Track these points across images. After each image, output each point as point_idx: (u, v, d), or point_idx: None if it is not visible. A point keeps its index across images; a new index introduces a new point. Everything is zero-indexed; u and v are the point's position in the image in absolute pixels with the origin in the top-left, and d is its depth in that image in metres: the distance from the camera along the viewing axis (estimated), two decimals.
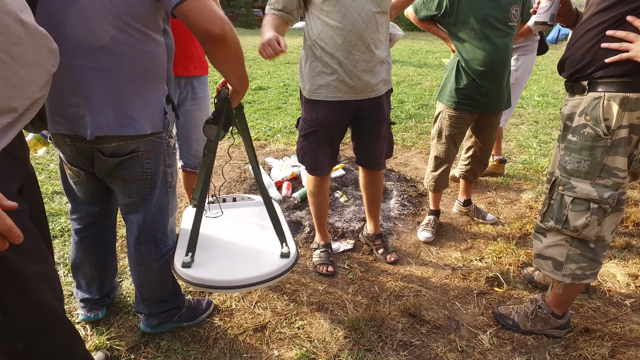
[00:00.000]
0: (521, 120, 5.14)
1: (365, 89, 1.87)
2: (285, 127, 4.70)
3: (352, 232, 2.53)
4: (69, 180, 1.52)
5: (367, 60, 1.81)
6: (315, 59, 1.85)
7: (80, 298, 1.77)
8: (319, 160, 2.03)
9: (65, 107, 1.23)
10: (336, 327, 1.81)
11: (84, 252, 1.67)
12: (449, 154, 2.44)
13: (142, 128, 1.27)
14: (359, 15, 1.73)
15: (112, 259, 1.78)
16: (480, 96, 2.23)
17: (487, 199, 3.07)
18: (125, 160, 1.31)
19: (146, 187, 1.40)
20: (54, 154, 3.76)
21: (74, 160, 1.39)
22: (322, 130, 1.95)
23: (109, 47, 1.16)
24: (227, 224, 1.70)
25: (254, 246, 1.53)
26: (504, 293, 2.05)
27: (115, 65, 1.19)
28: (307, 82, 1.90)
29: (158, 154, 1.37)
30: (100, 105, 1.21)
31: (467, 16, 2.12)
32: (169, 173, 1.45)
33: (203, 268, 1.40)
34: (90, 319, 1.78)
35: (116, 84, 1.21)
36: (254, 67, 9.14)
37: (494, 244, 2.46)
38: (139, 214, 1.45)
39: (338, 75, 1.83)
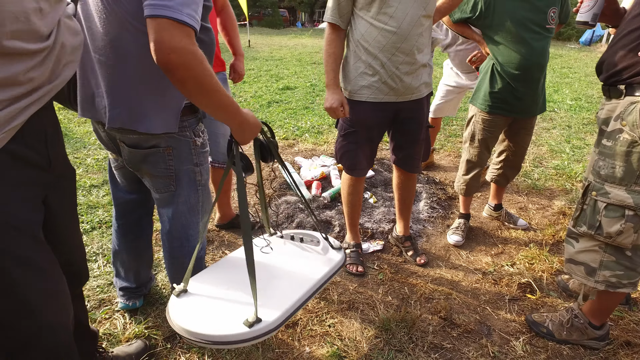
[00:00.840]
0: (553, 124, 5.04)
1: (407, 91, 1.88)
2: (313, 127, 4.73)
3: (382, 233, 2.54)
4: (112, 165, 1.60)
5: (409, 63, 1.82)
6: (358, 60, 1.86)
7: (119, 286, 1.84)
8: (358, 161, 2.05)
9: (91, 96, 1.31)
10: (367, 326, 1.83)
11: (122, 239, 1.74)
12: (481, 158, 2.42)
13: (153, 127, 1.27)
14: (404, 18, 1.74)
15: (148, 249, 1.83)
16: (515, 100, 2.20)
17: (518, 204, 3.03)
18: (149, 155, 1.34)
19: (171, 184, 1.41)
20: (90, 148, 3.90)
21: (107, 147, 1.46)
22: (362, 130, 1.97)
23: (124, 47, 1.19)
24: (265, 262, 1.62)
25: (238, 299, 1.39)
26: (537, 300, 2.03)
27: (130, 65, 1.21)
28: (350, 83, 1.92)
29: (181, 152, 1.37)
30: (116, 99, 1.25)
31: (503, 19, 2.11)
32: (197, 172, 1.44)
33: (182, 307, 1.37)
34: (128, 307, 1.85)
35: (130, 82, 1.23)
36: (281, 67, 9.22)
37: (525, 250, 2.43)
38: (169, 209, 1.49)
39: (380, 77, 1.84)
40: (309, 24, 39.61)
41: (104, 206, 2.78)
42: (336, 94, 1.90)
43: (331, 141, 4.25)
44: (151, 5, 1.00)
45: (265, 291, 1.39)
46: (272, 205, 2.83)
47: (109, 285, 2.03)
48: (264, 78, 7.81)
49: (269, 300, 1.35)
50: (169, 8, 0.99)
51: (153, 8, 1.00)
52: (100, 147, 3.94)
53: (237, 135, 1.29)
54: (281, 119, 5.05)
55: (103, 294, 1.98)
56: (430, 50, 1.98)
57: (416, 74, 1.87)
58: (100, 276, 2.10)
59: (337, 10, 1.84)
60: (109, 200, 2.88)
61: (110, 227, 2.55)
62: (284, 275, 1.49)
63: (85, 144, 4.02)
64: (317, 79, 7.83)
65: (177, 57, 1.01)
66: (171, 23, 1.00)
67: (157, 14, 0.99)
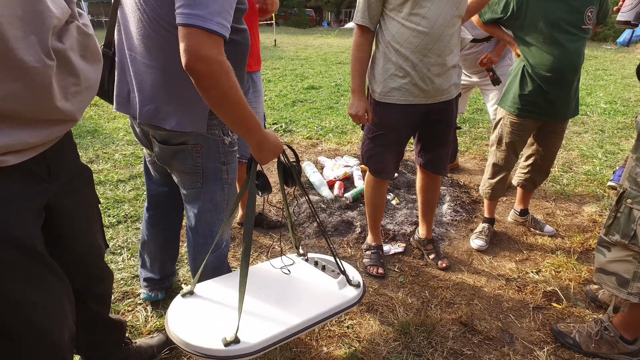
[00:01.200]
0: (585, 128, 4.87)
1: (437, 93, 1.85)
2: (337, 126, 4.73)
3: (403, 236, 2.51)
4: (146, 159, 1.65)
5: (441, 64, 1.79)
6: (388, 61, 1.84)
7: (143, 277, 1.89)
8: (386, 164, 2.03)
9: (127, 92, 1.35)
10: (385, 329, 1.81)
11: (151, 229, 1.78)
12: (508, 162, 2.36)
13: (180, 125, 1.29)
14: (437, 18, 1.71)
15: (174, 242, 1.87)
16: (546, 103, 2.14)
17: (545, 209, 2.94)
18: (177, 151, 1.37)
19: (198, 181, 1.44)
20: (118, 144, 4.01)
21: (141, 142, 1.50)
22: (391, 133, 1.95)
23: (155, 46, 1.22)
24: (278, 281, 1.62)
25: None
26: (563, 310, 1.96)
27: (160, 64, 1.24)
28: (379, 85, 1.89)
29: (209, 150, 1.39)
30: (146, 97, 1.29)
31: (536, 19, 2.05)
32: (224, 170, 1.46)
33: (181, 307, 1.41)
34: (151, 298, 1.89)
35: (160, 81, 1.26)
36: (306, 67, 9.24)
37: (552, 257, 2.36)
38: (195, 205, 1.51)
39: (411, 79, 1.81)
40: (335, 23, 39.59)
41: (130, 201, 2.85)
42: (362, 101, 1.90)
43: (354, 141, 4.23)
44: (183, 14, 1.03)
45: (263, 313, 1.39)
46: (294, 204, 2.84)
47: (133, 278, 2.08)
48: (289, 77, 7.85)
49: (261, 323, 1.34)
50: (200, 17, 1.02)
51: (185, 17, 1.03)
52: (128, 143, 4.04)
53: (255, 153, 1.30)
54: (305, 118, 5.06)
55: (127, 286, 2.03)
56: (459, 50, 1.94)
57: (447, 75, 1.84)
58: (125, 269, 2.16)
59: (367, 12, 1.82)
60: (135, 195, 2.95)
61: (135, 221, 2.61)
62: (289, 302, 1.47)
63: (113, 140, 4.13)
64: (342, 79, 7.82)
65: (204, 66, 1.04)
66: (201, 32, 1.03)
67: (189, 23, 1.02)
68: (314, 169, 3.20)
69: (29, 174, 0.94)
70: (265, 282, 1.57)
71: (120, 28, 1.31)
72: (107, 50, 1.40)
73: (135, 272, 2.11)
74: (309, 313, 1.39)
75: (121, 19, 1.29)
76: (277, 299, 1.47)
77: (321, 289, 1.54)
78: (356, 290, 1.53)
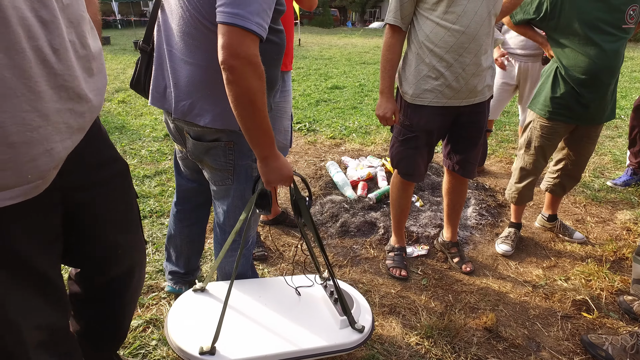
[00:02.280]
0: (618, 132, 4.70)
1: (471, 94, 1.82)
2: (361, 127, 4.70)
3: (427, 238, 2.48)
4: (177, 155, 1.68)
5: (476, 64, 1.75)
6: (421, 62, 1.80)
7: (168, 270, 1.92)
8: (417, 167, 1.99)
9: (164, 87, 1.37)
10: (408, 332, 1.79)
11: (178, 224, 1.81)
12: (536, 166, 2.30)
13: (214, 122, 1.31)
14: (474, 16, 1.68)
15: (200, 237, 1.89)
16: (580, 106, 2.07)
17: (575, 215, 2.85)
18: (211, 148, 1.38)
19: (229, 178, 1.45)
20: (145, 140, 4.09)
21: (174, 138, 1.52)
22: (422, 135, 1.91)
23: (195, 43, 1.24)
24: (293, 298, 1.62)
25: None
26: (594, 320, 1.89)
27: (198, 61, 1.26)
28: (411, 86, 1.85)
29: (242, 147, 1.40)
30: (182, 92, 1.31)
31: (571, 20, 1.97)
32: (255, 168, 1.46)
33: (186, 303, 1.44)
34: (175, 291, 1.91)
35: (197, 77, 1.28)
36: (330, 66, 9.24)
37: (582, 265, 2.28)
38: (224, 202, 1.52)
39: (444, 80, 1.78)
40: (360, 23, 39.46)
41: (155, 196, 2.90)
42: (390, 102, 1.89)
43: (378, 142, 4.20)
44: (224, 12, 1.07)
45: (252, 330, 1.40)
46: (317, 203, 2.84)
47: (157, 272, 2.12)
48: (313, 77, 7.86)
49: (245, 340, 1.35)
50: (240, 17, 1.06)
51: (225, 15, 1.06)
52: (154, 140, 4.12)
53: (260, 168, 1.30)
54: (329, 117, 5.06)
55: (151, 280, 2.07)
56: (493, 51, 1.90)
57: (481, 76, 1.80)
58: (149, 263, 2.19)
59: (400, 12, 1.79)
60: (160, 191, 3.00)
61: (160, 217, 2.66)
62: (284, 326, 1.45)
63: (140, 136, 4.22)
64: (365, 78, 7.79)
65: (239, 64, 1.07)
66: (240, 31, 1.07)
67: (229, 22, 1.06)
68: (337, 169, 3.19)
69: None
70: (272, 299, 1.56)
71: (160, 24, 1.34)
72: (145, 45, 1.43)
73: (160, 267, 2.14)
74: (297, 345, 1.37)
75: (162, 15, 1.32)
76: (273, 320, 1.46)
77: (322, 323, 1.49)
78: (356, 335, 1.45)
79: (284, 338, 1.39)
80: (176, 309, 1.44)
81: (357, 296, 1.64)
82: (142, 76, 1.47)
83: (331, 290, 1.60)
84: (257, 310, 1.49)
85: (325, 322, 1.50)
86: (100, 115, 1.09)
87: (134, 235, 1.24)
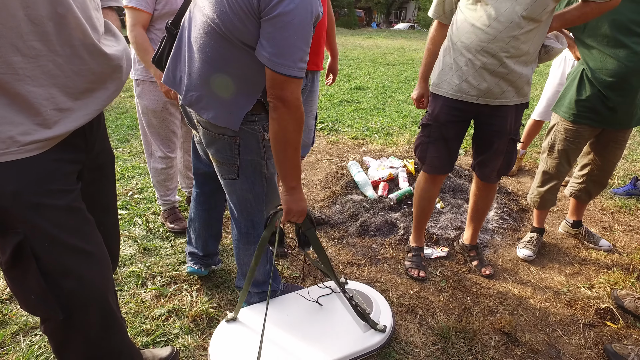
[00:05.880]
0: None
1: (488, 94, 1.80)
2: (384, 127, 4.70)
3: (447, 240, 2.47)
4: (194, 138, 1.73)
5: (495, 65, 1.74)
6: (447, 54, 1.87)
7: (188, 252, 2.00)
8: (429, 155, 2.01)
9: (177, 69, 1.44)
10: (425, 332, 1.79)
11: (198, 207, 1.88)
12: (559, 170, 2.26)
13: (216, 118, 1.37)
14: (498, 16, 1.68)
15: (217, 222, 1.96)
16: (606, 110, 2.02)
17: (601, 223, 2.79)
18: (217, 140, 1.42)
19: (234, 172, 1.49)
20: None
21: (189, 122, 1.57)
22: (435, 125, 1.95)
23: (214, 46, 1.29)
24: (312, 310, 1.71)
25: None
26: (619, 330, 1.85)
27: (213, 62, 1.31)
28: (435, 75, 1.95)
29: (248, 143, 1.43)
30: (193, 84, 1.37)
31: (601, 21, 1.93)
32: (264, 165, 1.50)
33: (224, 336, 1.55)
34: (194, 271, 1.99)
35: (210, 76, 1.33)
36: (354, 67, 9.24)
37: (607, 274, 2.23)
38: (233, 196, 1.57)
39: (462, 74, 1.80)
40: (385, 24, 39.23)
41: (179, 190, 2.97)
42: (419, 88, 2.07)
43: (400, 143, 4.19)
44: (271, 60, 1.19)
45: (288, 349, 1.49)
46: (338, 202, 2.86)
47: (180, 264, 2.18)
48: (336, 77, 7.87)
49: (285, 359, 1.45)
50: (284, 66, 1.18)
51: (272, 63, 1.19)
52: None
53: (284, 196, 1.41)
54: (351, 118, 5.07)
55: (174, 271, 2.13)
56: (539, 59, 1.85)
57: (504, 79, 1.77)
58: (172, 255, 2.26)
59: (442, 6, 1.90)
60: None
61: (182, 211, 2.73)
62: (312, 339, 1.56)
63: None
64: (389, 80, 7.75)
65: (281, 105, 1.23)
66: (284, 78, 1.20)
67: (275, 70, 1.19)
68: (358, 169, 3.21)
69: (70, 144, 1.03)
70: (297, 314, 1.66)
71: (190, 16, 1.39)
72: (172, 27, 1.50)
73: (182, 259, 2.20)
74: (332, 355, 1.48)
75: (193, 8, 1.38)
76: (304, 334, 1.56)
77: (347, 328, 1.61)
78: (380, 336, 1.57)
79: (316, 351, 1.48)
80: (215, 344, 1.53)
81: (376, 296, 1.67)
82: (164, 54, 1.54)
83: (351, 295, 1.66)
84: (288, 328, 1.58)
85: (349, 327, 1.59)
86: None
87: (113, 217, 1.37)
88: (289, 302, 1.73)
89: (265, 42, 1.19)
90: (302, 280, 2.11)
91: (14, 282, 1.02)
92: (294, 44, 1.18)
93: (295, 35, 1.17)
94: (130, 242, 2.34)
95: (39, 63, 0.91)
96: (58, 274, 1.01)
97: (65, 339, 1.13)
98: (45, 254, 0.98)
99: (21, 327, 1.73)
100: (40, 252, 0.97)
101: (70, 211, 1.02)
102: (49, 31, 0.90)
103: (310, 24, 1.19)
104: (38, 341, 1.66)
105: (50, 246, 0.99)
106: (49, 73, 0.93)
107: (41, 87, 0.93)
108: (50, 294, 1.01)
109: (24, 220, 0.94)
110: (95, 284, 1.09)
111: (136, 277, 2.06)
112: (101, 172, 1.25)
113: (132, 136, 4.16)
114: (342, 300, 1.67)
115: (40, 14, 0.88)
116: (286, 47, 1.17)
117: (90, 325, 1.12)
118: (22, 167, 0.93)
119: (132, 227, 2.51)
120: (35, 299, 1.01)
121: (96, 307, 1.11)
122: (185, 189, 2.75)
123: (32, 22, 0.87)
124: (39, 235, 0.96)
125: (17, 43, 0.87)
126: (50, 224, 0.97)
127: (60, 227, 0.99)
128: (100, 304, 1.12)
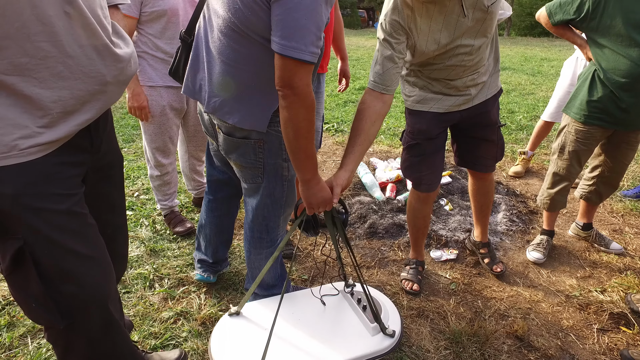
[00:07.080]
0: None
1: (468, 102, 1.80)
2: (389, 128, 4.67)
3: (456, 242, 2.44)
4: (209, 147, 1.71)
5: (462, 83, 1.74)
6: (417, 83, 1.83)
7: (197, 259, 1.97)
8: (422, 175, 1.92)
9: (197, 78, 1.41)
10: (436, 336, 1.77)
11: (210, 214, 1.85)
12: (570, 172, 2.23)
13: (242, 121, 1.33)
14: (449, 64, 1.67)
15: (229, 229, 1.93)
16: (618, 111, 1.99)
17: (612, 225, 2.75)
18: (240, 145, 1.40)
19: (259, 176, 1.47)
20: None
21: (207, 131, 1.55)
22: (424, 142, 1.87)
23: (232, 46, 1.26)
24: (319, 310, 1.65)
25: None
26: (635, 335, 1.82)
27: (233, 62, 1.28)
28: (412, 98, 1.85)
29: (272, 146, 1.41)
30: (215, 89, 1.34)
31: (614, 20, 1.90)
32: (285, 167, 1.48)
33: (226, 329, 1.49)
34: (203, 279, 1.96)
35: (231, 77, 1.30)
36: (357, 67, 9.21)
37: (620, 277, 2.20)
38: (254, 200, 1.55)
39: (440, 97, 1.78)
40: None
41: (185, 191, 2.96)
42: None
43: None
44: (280, 44, 1.11)
45: (294, 348, 1.44)
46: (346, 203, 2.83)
47: (187, 266, 2.16)
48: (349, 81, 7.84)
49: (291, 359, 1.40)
50: (296, 49, 1.10)
51: (282, 47, 1.11)
52: None
53: (301, 190, 1.36)
54: None
55: (182, 273, 2.11)
56: (497, 55, 1.83)
57: (475, 87, 1.78)
58: (180, 256, 2.24)
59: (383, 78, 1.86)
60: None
61: (190, 212, 2.71)
62: (318, 340, 1.48)
63: None
64: None
65: (291, 93, 1.15)
66: (295, 63, 1.11)
67: (285, 54, 1.10)
68: (366, 170, 3.18)
69: (74, 146, 1.01)
70: (304, 313, 1.61)
71: (204, 20, 1.37)
72: (186, 36, 1.47)
73: (190, 261, 2.19)
74: (339, 357, 1.41)
75: (207, 11, 1.35)
76: (310, 335, 1.50)
77: (355, 331, 1.53)
78: (388, 340, 1.49)
79: (324, 352, 1.43)
80: (216, 336, 1.49)
81: (384, 300, 1.65)
82: (180, 65, 1.51)
83: (358, 297, 1.62)
84: (294, 327, 1.54)
85: (357, 330, 1.54)
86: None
87: (120, 217, 1.35)
88: (296, 300, 1.69)
89: (274, 26, 1.12)
90: (310, 282, 2.09)
91: (16, 289, 1.00)
92: (305, 26, 1.09)
93: (307, 17, 1.09)
94: (137, 244, 2.33)
95: (48, 64, 0.88)
96: (58, 278, 0.99)
97: (68, 345, 1.12)
98: (44, 259, 0.96)
99: (29, 330, 1.72)
100: (40, 256, 0.95)
101: (71, 215, 1.00)
102: (58, 31, 0.88)
103: (321, 6, 1.11)
104: (46, 344, 1.65)
105: (50, 250, 0.97)
106: (59, 75, 0.91)
107: (49, 90, 0.90)
108: (50, 300, 0.99)
109: (24, 224, 0.92)
110: (95, 287, 1.07)
111: (144, 279, 2.04)
112: (108, 172, 1.23)
113: (137, 136, 4.15)
114: (350, 301, 1.64)
115: (49, 13, 0.85)
116: (297, 28, 1.09)
117: (92, 329, 1.11)
118: (23, 171, 0.90)
119: (139, 228, 2.49)
120: (36, 306, 1.00)
121: (96, 310, 1.09)
122: (191, 190, 2.74)
123: (41, 22, 0.85)
124: (38, 240, 0.95)
125: (25, 44, 0.84)
126: (50, 228, 0.95)
127: (60, 231, 0.98)
128: (100, 308, 1.10)
